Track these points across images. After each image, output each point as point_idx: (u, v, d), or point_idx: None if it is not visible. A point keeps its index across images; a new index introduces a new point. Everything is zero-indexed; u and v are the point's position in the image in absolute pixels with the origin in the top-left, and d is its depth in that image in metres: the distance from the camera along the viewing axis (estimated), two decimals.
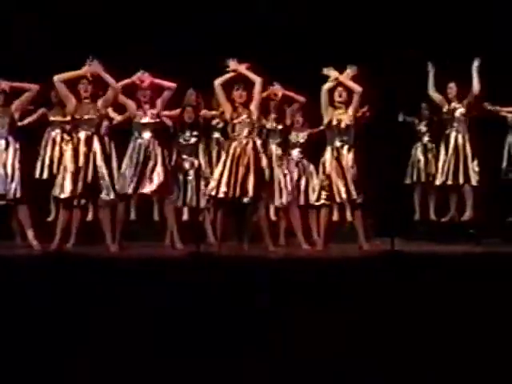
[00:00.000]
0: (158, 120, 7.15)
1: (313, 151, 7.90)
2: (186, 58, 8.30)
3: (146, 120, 7.07)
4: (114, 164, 6.91)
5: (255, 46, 8.43)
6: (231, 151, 6.97)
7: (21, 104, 7.04)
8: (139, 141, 7.02)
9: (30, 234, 6.95)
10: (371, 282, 5.24)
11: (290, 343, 3.89)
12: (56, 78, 6.80)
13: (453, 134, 8.19)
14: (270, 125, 7.58)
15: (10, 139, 6.97)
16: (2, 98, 7.02)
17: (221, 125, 7.70)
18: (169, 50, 8.53)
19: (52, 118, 8.05)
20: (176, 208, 7.43)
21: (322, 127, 7.53)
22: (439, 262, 6.46)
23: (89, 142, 6.80)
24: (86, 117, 6.81)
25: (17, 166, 6.93)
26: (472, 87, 8.03)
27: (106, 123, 7.05)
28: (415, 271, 5.72)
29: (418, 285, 5.15)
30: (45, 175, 7.96)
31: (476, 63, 7.93)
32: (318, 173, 7.51)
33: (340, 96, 7.20)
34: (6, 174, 6.92)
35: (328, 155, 7.28)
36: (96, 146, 6.79)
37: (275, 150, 7.57)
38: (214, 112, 7.68)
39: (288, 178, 7.70)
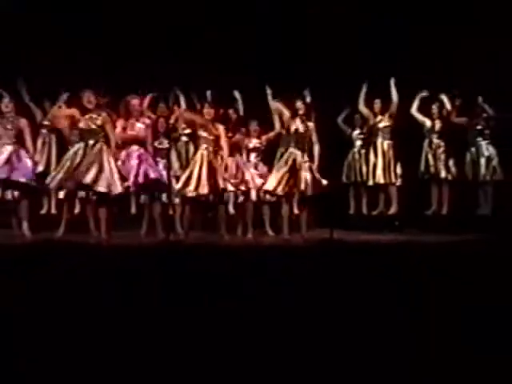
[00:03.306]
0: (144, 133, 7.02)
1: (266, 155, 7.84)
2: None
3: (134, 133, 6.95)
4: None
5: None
6: (198, 158, 6.94)
7: None
8: (129, 149, 6.91)
9: (25, 225, 6.79)
10: (314, 267, 5.10)
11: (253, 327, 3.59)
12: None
13: (379, 141, 8.26)
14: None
15: None
16: None
17: (188, 130, 7.59)
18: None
19: (46, 123, 7.72)
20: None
21: (272, 133, 7.52)
22: (370, 248, 6.51)
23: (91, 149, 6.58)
24: (87, 128, 6.58)
25: None
26: (392, 99, 8.10)
27: None
28: (350, 256, 5.73)
29: (353, 267, 5.03)
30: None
31: (392, 80, 7.98)
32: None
33: (301, 109, 7.19)
34: None
35: (285, 157, 7.21)
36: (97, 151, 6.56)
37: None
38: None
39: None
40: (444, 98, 8.11)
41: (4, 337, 3.26)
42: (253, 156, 7.63)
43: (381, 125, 8.25)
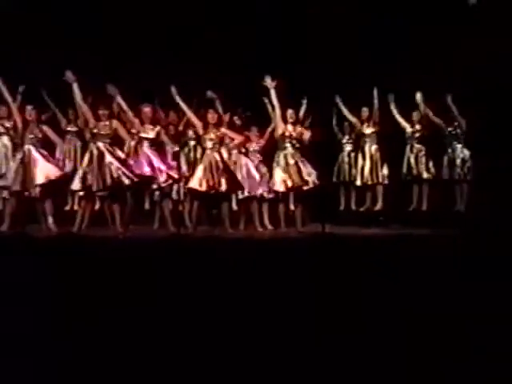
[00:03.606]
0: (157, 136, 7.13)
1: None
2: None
3: (148, 135, 7.08)
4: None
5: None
6: (206, 160, 7.05)
7: None
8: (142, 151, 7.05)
9: (50, 219, 6.96)
10: (308, 256, 5.30)
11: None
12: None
13: (367, 146, 8.30)
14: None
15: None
16: None
17: (194, 135, 7.64)
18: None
19: (69, 129, 7.83)
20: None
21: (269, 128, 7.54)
22: (357, 240, 6.73)
23: (103, 150, 6.74)
24: (102, 132, 6.75)
25: None
26: (373, 107, 8.10)
27: None
28: (340, 247, 5.91)
29: (342, 257, 5.21)
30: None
31: (375, 91, 7.99)
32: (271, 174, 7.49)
33: (291, 118, 7.33)
34: None
35: (283, 158, 7.33)
36: (109, 153, 6.74)
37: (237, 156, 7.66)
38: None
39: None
40: (418, 96, 8.02)
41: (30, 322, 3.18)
42: (254, 158, 7.68)
43: (367, 131, 8.30)
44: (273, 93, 7.19)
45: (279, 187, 7.34)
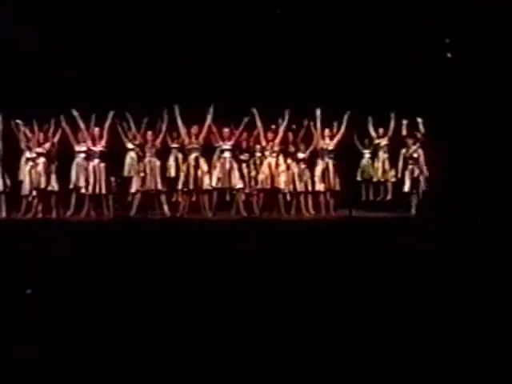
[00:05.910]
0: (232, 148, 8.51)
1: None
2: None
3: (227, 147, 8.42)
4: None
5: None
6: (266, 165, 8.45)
7: None
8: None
9: (166, 207, 8.41)
10: (340, 232, 6.11)
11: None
12: None
13: (380, 154, 9.00)
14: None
15: None
16: None
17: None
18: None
19: (173, 145, 8.66)
20: None
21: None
22: (374, 220, 7.58)
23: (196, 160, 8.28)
24: (195, 146, 8.17)
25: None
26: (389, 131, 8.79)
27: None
28: (362, 226, 6.83)
29: (365, 232, 6.05)
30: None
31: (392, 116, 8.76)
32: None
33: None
34: None
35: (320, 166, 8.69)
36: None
37: None
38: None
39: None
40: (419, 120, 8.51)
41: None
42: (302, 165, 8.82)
43: (382, 144, 9.02)
44: (318, 121, 8.45)
45: (319, 187, 8.73)
